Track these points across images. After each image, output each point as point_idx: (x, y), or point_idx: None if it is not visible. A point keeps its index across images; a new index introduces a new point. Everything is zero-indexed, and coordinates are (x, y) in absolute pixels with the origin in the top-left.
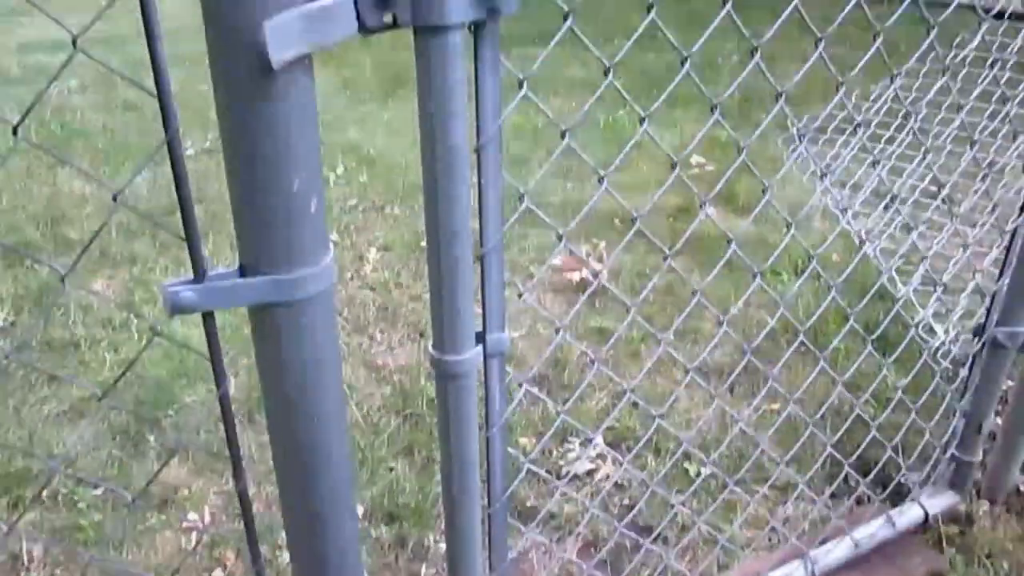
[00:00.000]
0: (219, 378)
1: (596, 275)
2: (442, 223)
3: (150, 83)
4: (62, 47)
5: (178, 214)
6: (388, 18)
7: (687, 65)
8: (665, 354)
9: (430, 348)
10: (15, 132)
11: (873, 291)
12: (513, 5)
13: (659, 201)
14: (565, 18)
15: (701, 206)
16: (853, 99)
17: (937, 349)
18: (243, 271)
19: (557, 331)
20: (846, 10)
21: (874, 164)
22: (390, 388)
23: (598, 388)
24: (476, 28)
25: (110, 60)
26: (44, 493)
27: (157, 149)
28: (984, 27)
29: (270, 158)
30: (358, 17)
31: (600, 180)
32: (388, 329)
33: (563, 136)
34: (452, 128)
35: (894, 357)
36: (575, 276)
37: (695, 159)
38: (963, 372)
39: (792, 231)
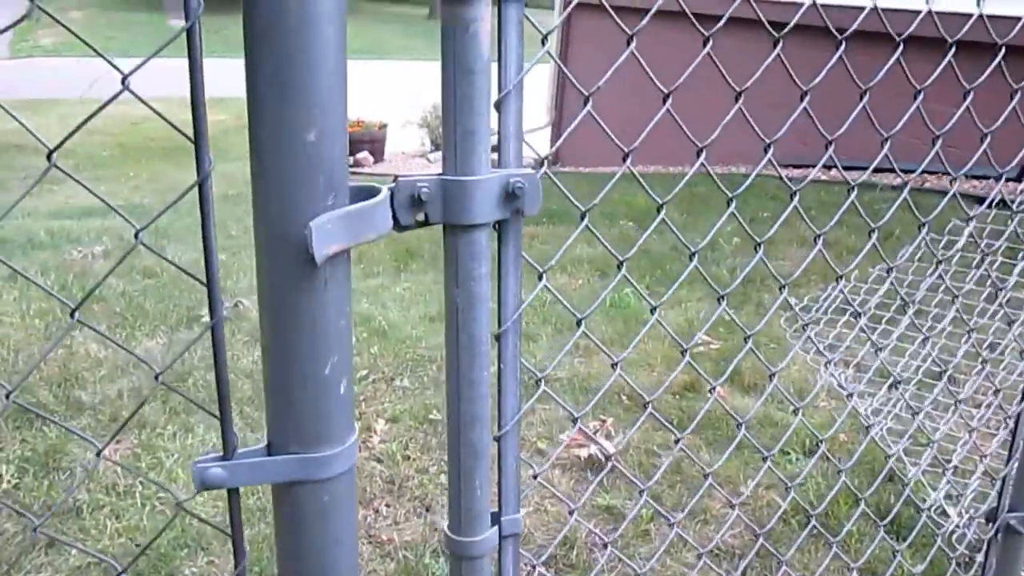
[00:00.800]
0: (239, 555)
1: (604, 453)
2: (463, 406)
3: (169, 251)
4: (90, 213)
5: (190, 380)
6: (420, 216)
7: (695, 260)
8: (676, 536)
9: (445, 529)
10: (72, 315)
11: (883, 474)
12: (536, 207)
13: (665, 379)
14: (582, 217)
15: (711, 391)
16: (852, 281)
17: (951, 533)
18: (270, 449)
19: (571, 513)
20: (842, 209)
21: (877, 350)
22: (395, 564)
23: (607, 569)
24: (500, 224)
25: (132, 228)
26: None
27: (201, 335)
28: (972, 224)
29: (306, 343)
30: (394, 216)
31: (614, 366)
32: (394, 503)
33: (579, 324)
34: (476, 317)
35: (908, 542)
36: (583, 452)
37: (700, 337)
38: (979, 558)
39: (800, 416)
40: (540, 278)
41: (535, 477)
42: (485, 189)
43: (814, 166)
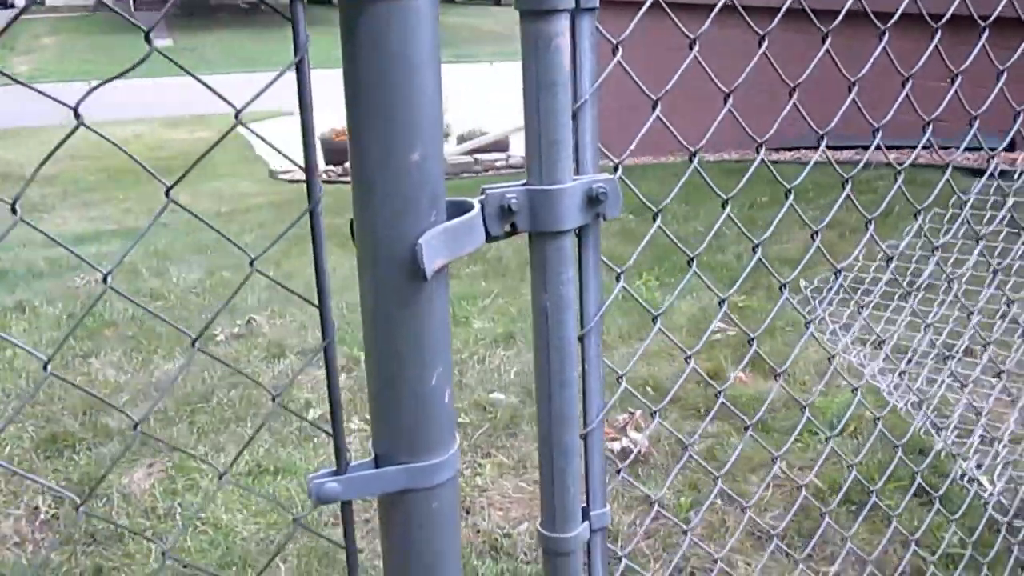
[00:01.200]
0: (352, 570)
1: (642, 446)
2: (554, 406)
3: (173, 273)
4: (82, 239)
5: (214, 399)
6: (508, 226)
7: (758, 252)
8: (718, 520)
9: (539, 527)
10: (194, 344)
11: (932, 454)
12: (617, 210)
13: (686, 368)
14: (654, 219)
15: (776, 376)
16: (860, 260)
17: (986, 502)
18: (378, 461)
19: (652, 504)
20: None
21: (925, 327)
22: None
23: (653, 559)
24: (581, 229)
25: (130, 252)
26: None
27: (313, 356)
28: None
29: (414, 356)
30: (485, 228)
31: (688, 360)
32: None
33: (655, 321)
34: (565, 320)
35: (959, 514)
36: (615, 445)
37: (715, 324)
38: (1020, 523)
39: (858, 396)
40: (617, 279)
41: (618, 472)
42: (570, 196)
43: (802, 148)
